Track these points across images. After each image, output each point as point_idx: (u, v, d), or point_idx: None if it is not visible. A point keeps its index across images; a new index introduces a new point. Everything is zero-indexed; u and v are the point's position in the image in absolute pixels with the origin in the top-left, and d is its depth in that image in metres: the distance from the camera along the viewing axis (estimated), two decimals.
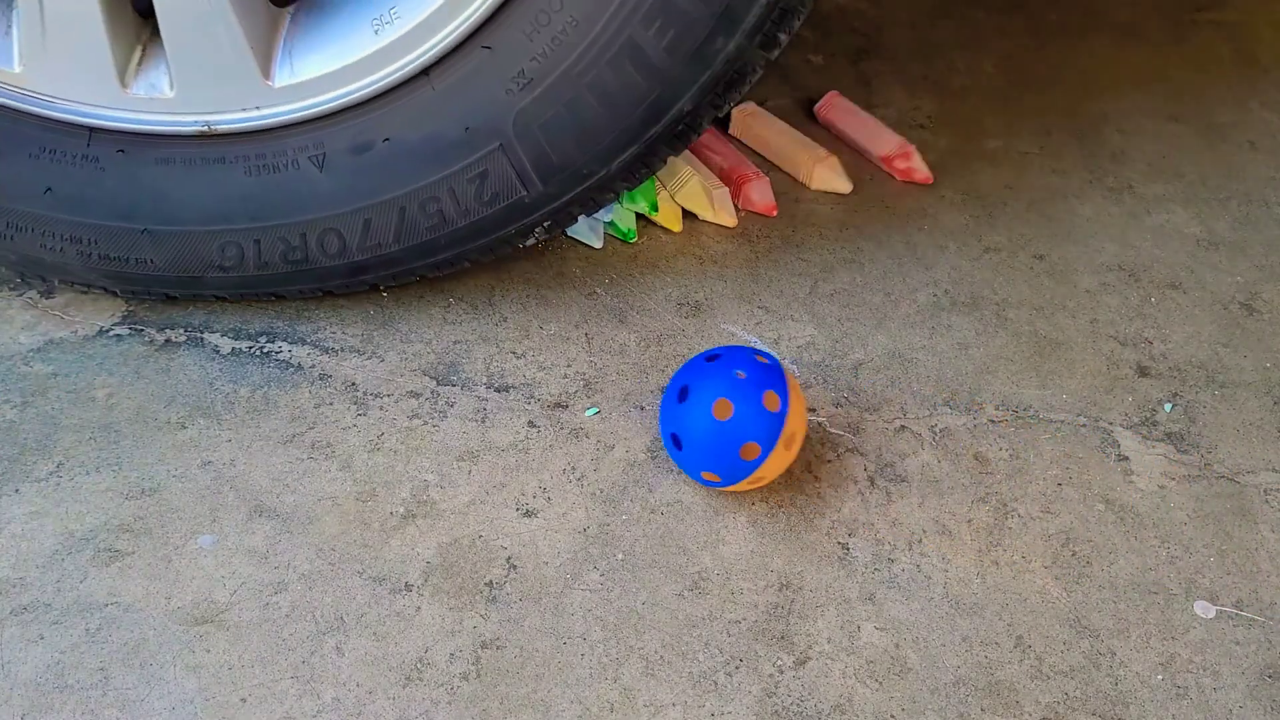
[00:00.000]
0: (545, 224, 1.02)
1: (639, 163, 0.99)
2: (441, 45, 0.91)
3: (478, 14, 0.90)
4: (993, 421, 1.01)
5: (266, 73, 0.93)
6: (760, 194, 1.23)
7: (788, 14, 0.92)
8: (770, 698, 0.79)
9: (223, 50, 0.91)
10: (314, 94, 0.94)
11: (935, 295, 1.15)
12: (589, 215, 1.06)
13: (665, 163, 1.01)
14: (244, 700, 0.77)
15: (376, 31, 0.92)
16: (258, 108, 0.94)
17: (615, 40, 0.91)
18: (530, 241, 1.04)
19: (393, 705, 0.78)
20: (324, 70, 0.93)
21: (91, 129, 0.95)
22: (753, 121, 1.34)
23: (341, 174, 0.97)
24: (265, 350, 1.04)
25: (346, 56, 0.93)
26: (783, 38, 0.94)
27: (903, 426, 1.00)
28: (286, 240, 1.00)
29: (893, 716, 0.79)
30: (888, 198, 1.27)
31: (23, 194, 0.97)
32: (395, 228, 1.00)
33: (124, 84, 0.93)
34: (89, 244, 1.00)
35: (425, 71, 0.93)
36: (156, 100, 0.94)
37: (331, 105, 0.94)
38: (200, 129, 0.95)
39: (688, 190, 1.19)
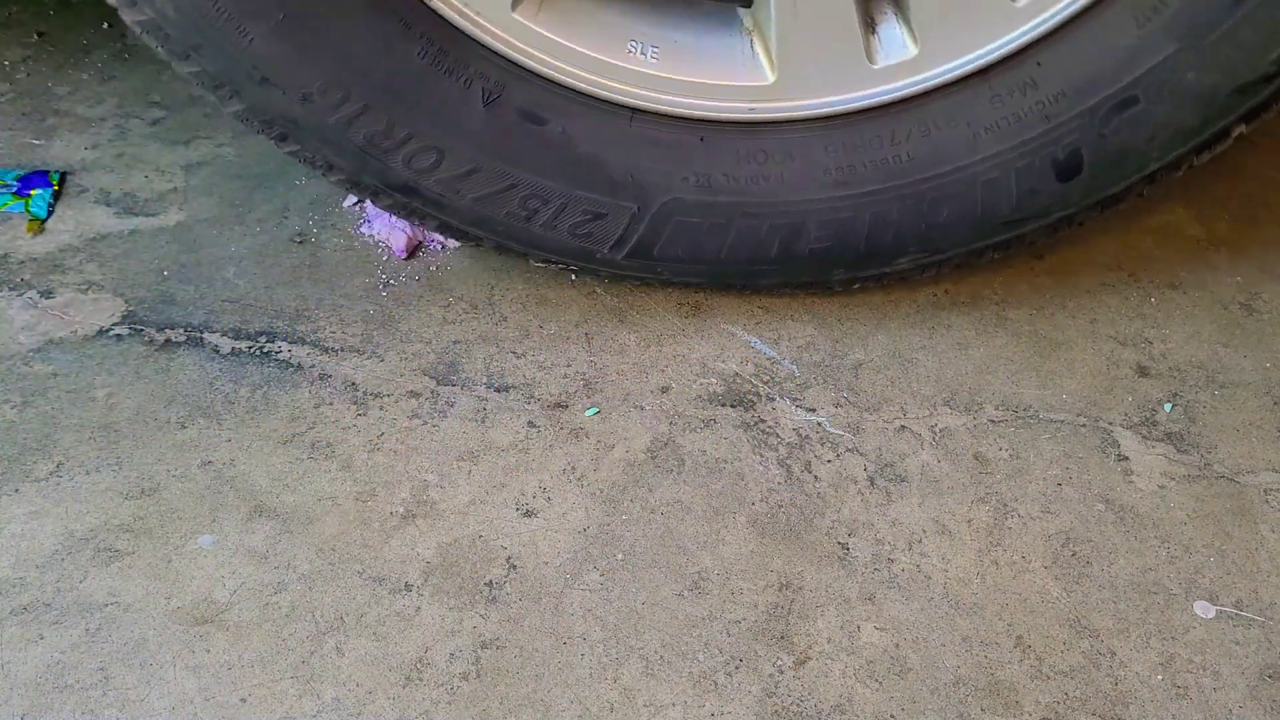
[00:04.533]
0: (575, 269, 1.06)
1: (697, 285, 1.08)
2: (657, 104, 0.94)
3: (726, 113, 0.93)
4: (993, 421, 1.01)
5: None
6: None
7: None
8: (770, 698, 0.79)
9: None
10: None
11: (935, 295, 1.15)
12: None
13: None
14: (244, 700, 0.77)
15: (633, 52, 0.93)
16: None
17: (794, 218, 0.99)
18: (541, 264, 1.07)
19: (393, 705, 0.78)
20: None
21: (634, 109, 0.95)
22: None
23: (493, 128, 0.95)
24: (265, 350, 1.04)
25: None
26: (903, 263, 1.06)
27: (903, 426, 1.00)
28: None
29: (893, 716, 0.79)
30: None
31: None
32: (484, 194, 0.98)
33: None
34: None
35: (634, 111, 0.94)
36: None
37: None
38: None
39: None
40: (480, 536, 0.89)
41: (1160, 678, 0.82)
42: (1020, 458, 0.98)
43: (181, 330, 1.06)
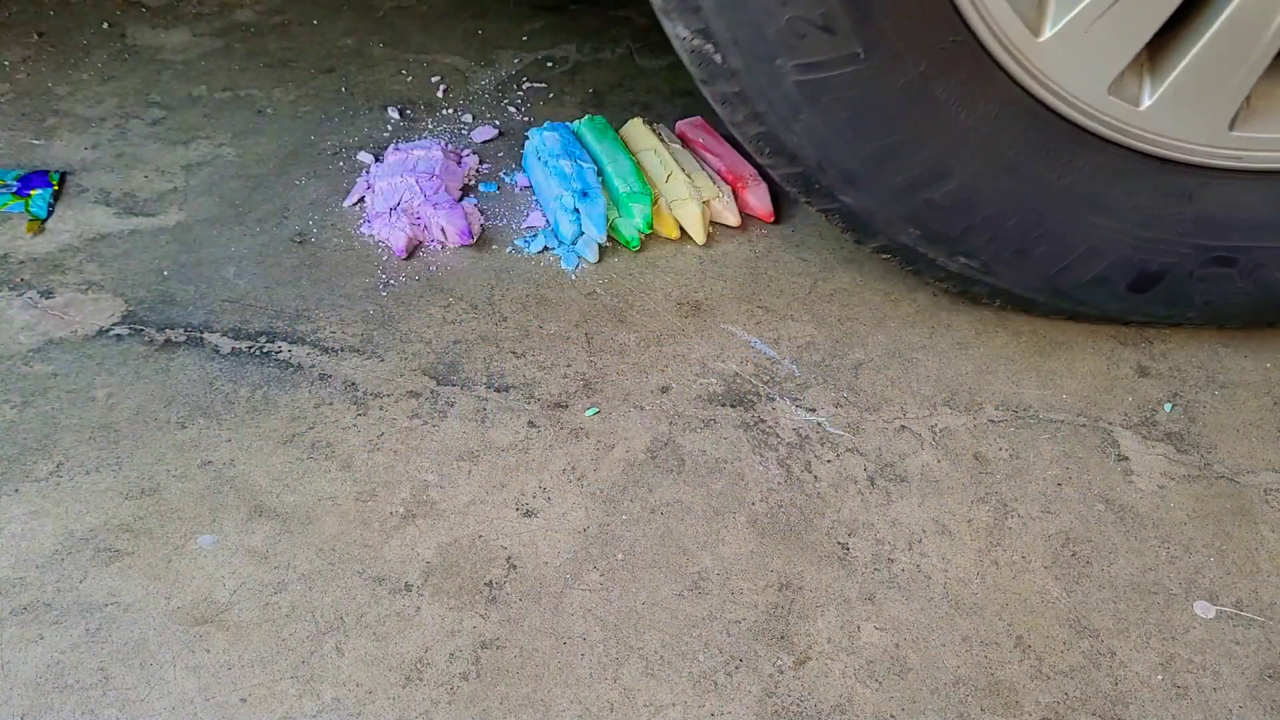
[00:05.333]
0: (718, 56, 0.96)
1: (787, 164, 1.02)
2: None
3: (986, 38, 0.92)
4: (993, 421, 1.01)
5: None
6: (758, 199, 1.23)
7: None
8: (770, 698, 0.79)
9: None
10: None
11: (935, 294, 1.15)
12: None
13: None
14: (244, 700, 0.77)
15: None
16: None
17: (948, 168, 0.98)
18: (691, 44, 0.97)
19: (393, 705, 0.78)
20: None
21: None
22: None
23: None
24: (265, 350, 1.04)
25: None
26: None
27: (903, 426, 1.00)
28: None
29: (893, 716, 0.79)
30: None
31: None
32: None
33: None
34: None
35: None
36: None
37: None
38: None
39: (685, 210, 1.19)
40: (480, 536, 0.89)
41: (1160, 678, 0.82)
42: (1020, 458, 0.98)
43: (181, 330, 1.06)
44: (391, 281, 1.13)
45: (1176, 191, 0.99)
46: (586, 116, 1.32)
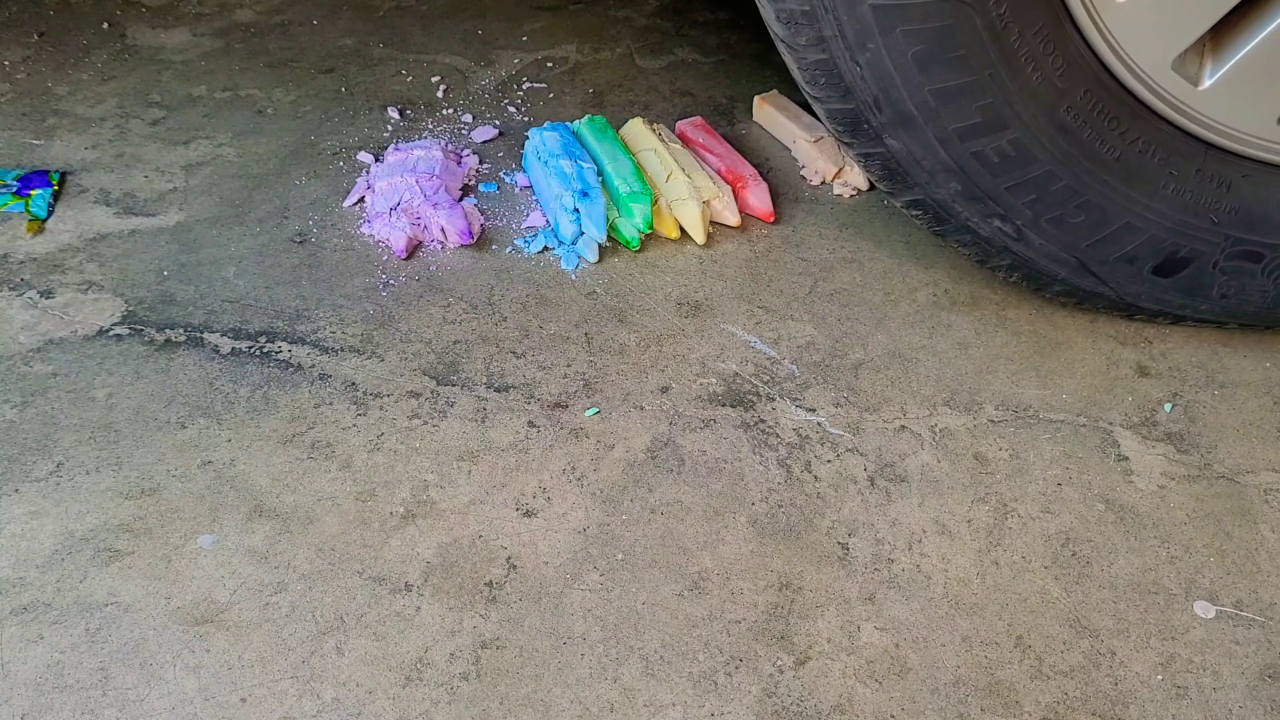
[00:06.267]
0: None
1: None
2: None
3: None
4: (993, 421, 1.01)
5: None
6: (758, 199, 1.23)
7: None
8: (770, 698, 0.79)
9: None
10: None
11: (935, 295, 1.15)
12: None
13: None
14: (244, 700, 0.77)
15: None
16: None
17: (1004, 121, 0.97)
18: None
19: (393, 705, 0.78)
20: None
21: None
22: (776, 109, 1.36)
23: None
24: (265, 350, 1.04)
25: None
26: None
27: (903, 426, 1.00)
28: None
29: (893, 716, 0.79)
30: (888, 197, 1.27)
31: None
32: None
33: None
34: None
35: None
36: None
37: None
38: None
39: (685, 210, 1.19)
40: (480, 536, 0.89)
41: (1160, 678, 0.82)
42: (1020, 458, 0.98)
43: (181, 330, 1.06)
44: (391, 281, 1.13)
45: (1218, 179, 1.00)
46: (586, 116, 1.32)
